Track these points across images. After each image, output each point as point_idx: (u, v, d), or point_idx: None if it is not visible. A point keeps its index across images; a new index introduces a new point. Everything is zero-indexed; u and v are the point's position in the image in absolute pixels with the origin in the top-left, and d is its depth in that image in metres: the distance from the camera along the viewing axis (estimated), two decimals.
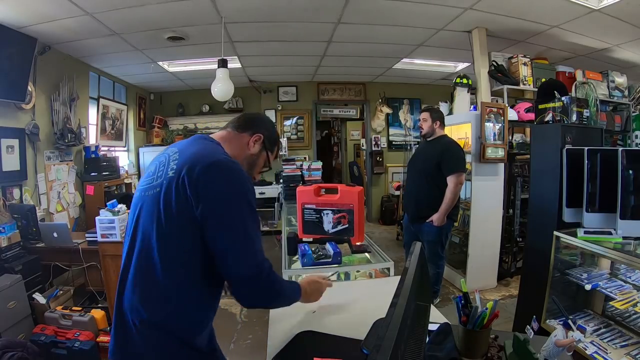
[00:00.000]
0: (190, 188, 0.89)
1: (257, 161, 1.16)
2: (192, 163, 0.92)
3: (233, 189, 0.92)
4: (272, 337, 1.16)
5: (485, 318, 0.97)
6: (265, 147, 1.15)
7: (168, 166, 0.96)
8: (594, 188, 2.00)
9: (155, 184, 0.96)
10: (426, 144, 3.03)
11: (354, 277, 1.88)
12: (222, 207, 0.91)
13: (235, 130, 1.12)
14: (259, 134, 1.12)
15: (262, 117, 1.22)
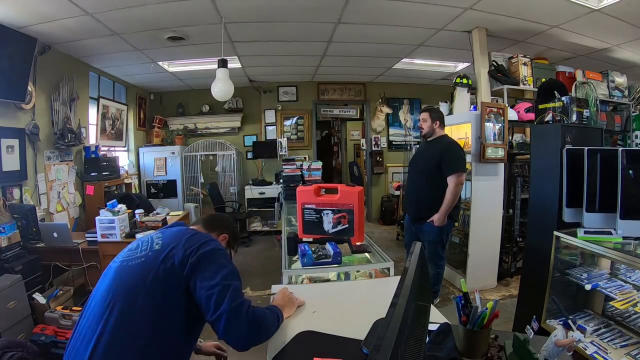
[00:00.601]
0: (178, 254, 1.09)
1: None
2: (176, 238, 1.15)
3: (212, 247, 1.13)
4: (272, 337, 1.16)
5: (485, 318, 0.97)
6: (230, 244, 1.39)
7: (152, 242, 1.15)
8: (594, 188, 2.00)
9: (139, 255, 1.13)
10: (426, 144, 3.02)
11: (354, 277, 1.88)
12: (205, 261, 1.09)
13: (206, 229, 1.33)
14: (225, 234, 1.36)
15: (227, 219, 1.45)
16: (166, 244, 1.13)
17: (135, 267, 1.10)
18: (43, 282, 2.84)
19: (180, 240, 1.13)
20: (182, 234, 1.17)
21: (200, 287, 1.05)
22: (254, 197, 5.80)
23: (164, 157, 5.77)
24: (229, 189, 6.00)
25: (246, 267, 4.37)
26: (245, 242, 5.34)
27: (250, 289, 3.62)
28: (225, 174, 6.05)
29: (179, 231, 1.20)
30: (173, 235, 1.16)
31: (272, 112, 6.27)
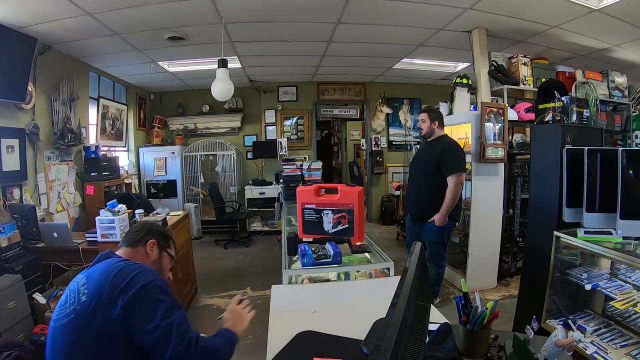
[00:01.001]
0: (107, 302, 0.99)
1: (162, 264, 1.31)
2: (102, 281, 1.04)
3: (141, 283, 1.02)
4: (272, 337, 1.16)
5: (485, 318, 0.97)
6: (162, 247, 1.31)
7: (79, 293, 1.05)
8: (594, 188, 2.00)
9: (68, 311, 1.03)
10: (427, 144, 3.03)
11: (354, 277, 1.88)
12: (138, 303, 1.00)
13: (130, 247, 1.25)
14: (151, 240, 1.28)
15: (146, 226, 1.34)
16: (93, 293, 1.02)
17: (65, 326, 1.01)
18: (43, 282, 2.83)
19: (106, 283, 1.02)
20: (107, 274, 1.05)
21: (142, 333, 0.98)
22: (254, 197, 5.80)
23: (164, 157, 5.77)
24: (229, 189, 6.00)
25: (246, 267, 4.37)
26: (245, 242, 5.34)
27: (250, 289, 3.62)
28: (225, 174, 6.06)
29: (104, 270, 1.07)
30: (99, 279, 1.05)
31: (272, 112, 6.27)
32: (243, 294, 1.36)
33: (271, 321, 1.29)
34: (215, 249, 5.13)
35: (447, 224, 2.83)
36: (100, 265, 1.12)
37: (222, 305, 3.27)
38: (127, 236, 1.28)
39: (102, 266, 1.11)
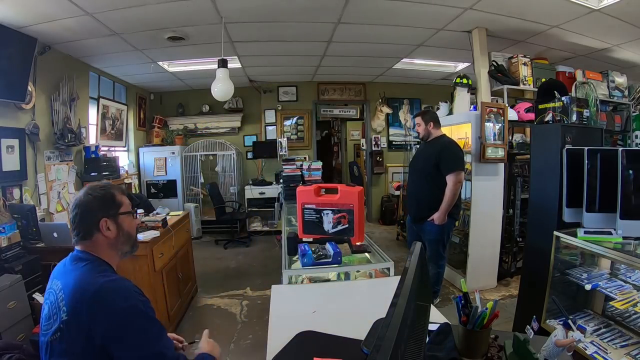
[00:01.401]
0: (87, 328, 0.94)
1: (125, 231, 1.15)
2: (78, 300, 0.96)
3: (117, 307, 0.95)
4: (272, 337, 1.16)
5: (485, 318, 0.97)
6: (113, 216, 1.13)
7: (59, 308, 0.98)
8: (594, 188, 2.00)
9: (54, 329, 0.98)
10: (425, 144, 3.05)
11: (354, 277, 1.88)
12: (118, 333, 0.94)
13: (85, 240, 1.10)
14: (101, 220, 1.10)
15: (81, 205, 1.13)
16: (71, 312, 0.96)
17: (54, 343, 0.98)
18: (43, 282, 2.83)
19: (83, 304, 0.95)
20: (82, 291, 0.97)
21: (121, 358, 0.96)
22: (254, 197, 5.80)
23: (164, 157, 5.77)
24: (229, 189, 6.00)
25: (246, 267, 4.37)
26: (245, 242, 5.34)
27: (250, 289, 3.62)
28: (225, 174, 6.06)
29: (79, 284, 0.99)
30: (74, 296, 0.98)
31: (272, 112, 6.27)
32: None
33: (271, 321, 1.29)
34: (215, 249, 5.13)
35: (446, 223, 2.83)
36: (74, 273, 1.04)
37: (222, 305, 3.27)
38: (74, 228, 1.12)
39: (75, 275, 1.02)
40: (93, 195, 1.13)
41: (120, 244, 1.15)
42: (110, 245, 1.12)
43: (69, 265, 1.09)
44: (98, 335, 0.94)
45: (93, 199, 1.12)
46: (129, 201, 1.20)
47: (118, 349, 0.95)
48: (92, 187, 1.15)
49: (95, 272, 1.03)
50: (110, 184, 1.20)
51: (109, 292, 0.97)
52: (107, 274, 1.04)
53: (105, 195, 1.14)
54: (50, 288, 1.07)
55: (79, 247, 1.11)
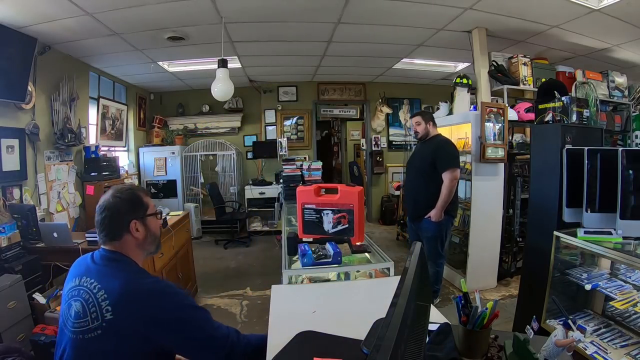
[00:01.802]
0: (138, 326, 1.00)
1: (152, 234, 1.20)
2: (129, 303, 1.01)
3: (169, 306, 1.04)
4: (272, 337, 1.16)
5: (485, 318, 0.97)
6: (142, 218, 1.17)
7: (100, 307, 1.01)
8: (594, 188, 2.00)
9: (94, 327, 1.00)
10: (422, 144, 3.09)
11: (354, 277, 1.88)
12: (174, 328, 1.03)
13: (114, 241, 1.14)
14: (131, 222, 1.14)
15: (109, 206, 1.14)
16: (121, 314, 1.00)
17: (92, 341, 1.00)
18: (43, 282, 2.83)
19: (134, 309, 1.00)
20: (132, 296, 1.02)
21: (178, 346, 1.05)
22: (254, 197, 5.80)
23: (164, 157, 5.77)
24: (229, 189, 6.00)
25: (246, 267, 4.37)
26: (245, 242, 5.34)
27: (250, 289, 3.62)
28: (225, 174, 6.06)
29: (126, 288, 1.03)
30: (122, 300, 1.01)
31: (272, 112, 6.27)
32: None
33: (271, 321, 1.29)
34: (215, 249, 5.13)
35: (444, 220, 2.87)
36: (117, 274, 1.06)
37: (222, 305, 3.27)
38: (102, 230, 1.14)
39: (120, 277, 1.05)
40: (122, 197, 1.16)
41: (147, 245, 1.20)
42: (137, 245, 1.17)
43: (100, 264, 1.11)
44: (153, 333, 1.01)
45: (122, 201, 1.15)
46: (153, 203, 1.25)
47: (175, 342, 1.03)
48: (119, 190, 1.18)
49: (138, 274, 1.11)
50: (135, 186, 1.26)
51: (159, 293, 1.05)
52: (149, 275, 1.12)
53: (133, 198, 1.18)
54: (80, 285, 1.08)
55: (107, 247, 1.15)
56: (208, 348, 1.06)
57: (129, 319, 1.00)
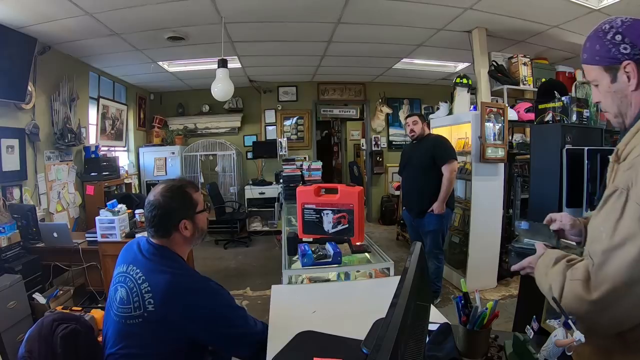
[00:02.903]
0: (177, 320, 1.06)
1: (200, 230, 1.24)
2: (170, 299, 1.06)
3: (205, 303, 1.10)
4: (272, 337, 1.16)
5: (485, 318, 0.97)
6: (191, 217, 1.19)
7: (143, 298, 1.07)
8: (593, 188, 2.00)
9: (136, 315, 1.08)
10: (415, 143, 3.15)
11: (354, 277, 1.88)
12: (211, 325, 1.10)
13: (164, 238, 1.17)
14: (182, 222, 1.17)
15: (160, 204, 1.16)
16: (161, 307, 1.05)
17: (138, 326, 1.07)
18: (43, 282, 2.84)
19: (174, 304, 1.06)
20: (173, 291, 1.07)
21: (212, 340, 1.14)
22: (254, 197, 5.80)
23: (164, 157, 5.77)
24: (229, 189, 6.00)
25: (246, 267, 4.37)
26: (245, 242, 5.34)
27: (250, 289, 3.62)
28: (225, 174, 6.06)
29: (170, 284, 1.07)
30: (165, 295, 1.06)
31: (272, 112, 6.27)
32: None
33: (271, 321, 1.29)
34: (215, 249, 5.13)
35: (445, 213, 2.96)
36: (161, 269, 1.11)
37: None
38: (152, 225, 1.16)
39: (165, 273, 1.09)
40: (171, 197, 1.17)
41: (195, 240, 1.24)
42: (185, 241, 1.21)
43: (148, 257, 1.15)
44: (190, 328, 1.07)
45: (172, 201, 1.17)
46: (202, 197, 1.26)
47: (208, 337, 1.10)
48: (169, 188, 1.18)
49: (182, 272, 1.14)
50: (185, 182, 1.24)
51: (197, 291, 1.10)
52: (193, 274, 1.16)
53: (184, 197, 1.19)
54: (126, 273, 1.13)
55: (156, 241, 1.18)
56: (241, 344, 1.15)
57: (168, 312, 1.06)
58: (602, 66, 0.89)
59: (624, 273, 0.72)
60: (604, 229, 0.78)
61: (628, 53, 0.85)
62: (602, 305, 0.76)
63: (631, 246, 0.72)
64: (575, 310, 0.81)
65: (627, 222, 0.73)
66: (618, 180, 0.78)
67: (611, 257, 0.75)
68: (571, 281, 0.82)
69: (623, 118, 0.90)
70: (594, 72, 0.91)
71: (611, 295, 0.74)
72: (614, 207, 0.76)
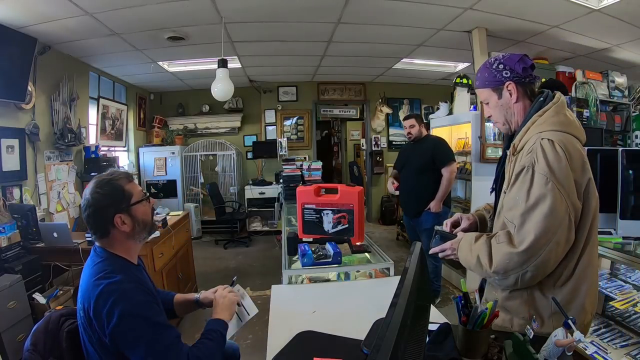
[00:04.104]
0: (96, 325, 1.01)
1: (140, 222, 1.15)
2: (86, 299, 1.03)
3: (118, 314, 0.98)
4: (272, 337, 1.16)
5: (485, 318, 0.97)
6: (126, 210, 1.11)
7: (78, 303, 1.07)
8: None
9: (79, 317, 1.08)
10: (413, 145, 3.15)
11: (354, 277, 1.88)
12: (122, 337, 1.00)
13: (104, 238, 1.12)
14: (115, 217, 1.09)
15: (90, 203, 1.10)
16: (80, 307, 1.05)
17: (82, 329, 1.07)
18: (43, 282, 2.83)
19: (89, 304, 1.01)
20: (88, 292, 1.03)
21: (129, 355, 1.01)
22: (254, 197, 5.80)
23: (164, 157, 5.77)
24: (229, 189, 6.00)
25: (246, 267, 4.37)
26: (245, 242, 5.34)
27: (250, 289, 3.62)
28: (225, 174, 6.06)
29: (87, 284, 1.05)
30: (83, 294, 1.05)
31: (272, 112, 6.27)
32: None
33: (271, 321, 1.29)
34: (215, 249, 5.13)
35: (442, 211, 2.97)
36: (86, 272, 1.09)
37: None
38: (90, 227, 1.12)
39: (86, 275, 1.08)
40: (102, 192, 1.10)
41: (138, 233, 1.15)
42: (127, 237, 1.14)
43: (89, 260, 1.13)
44: (106, 335, 1.00)
45: (102, 196, 1.09)
46: (139, 187, 1.19)
47: (124, 347, 1.00)
48: (99, 183, 1.11)
49: (102, 273, 1.05)
50: (117, 174, 1.16)
51: (108, 295, 1.00)
52: (111, 276, 1.04)
53: (114, 190, 1.11)
54: None
55: (98, 243, 1.14)
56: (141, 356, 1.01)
57: (86, 315, 1.03)
58: (490, 88, 1.17)
59: (541, 224, 0.97)
60: (519, 198, 1.03)
61: (508, 76, 1.13)
62: (528, 254, 0.98)
63: (543, 204, 0.98)
64: (506, 265, 1.01)
65: (536, 187, 1.00)
66: (522, 162, 1.04)
67: (529, 216, 1.00)
68: (498, 244, 1.04)
69: (509, 125, 1.20)
70: (485, 93, 1.19)
71: (534, 244, 0.97)
72: (524, 179, 1.03)
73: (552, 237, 0.97)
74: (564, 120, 1.08)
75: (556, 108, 1.08)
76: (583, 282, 1.05)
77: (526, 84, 1.14)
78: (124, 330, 0.99)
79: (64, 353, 1.09)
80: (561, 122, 1.07)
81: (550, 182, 0.97)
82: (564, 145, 1.00)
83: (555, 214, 0.97)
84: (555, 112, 1.08)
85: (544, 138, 1.02)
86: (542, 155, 1.00)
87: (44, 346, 1.07)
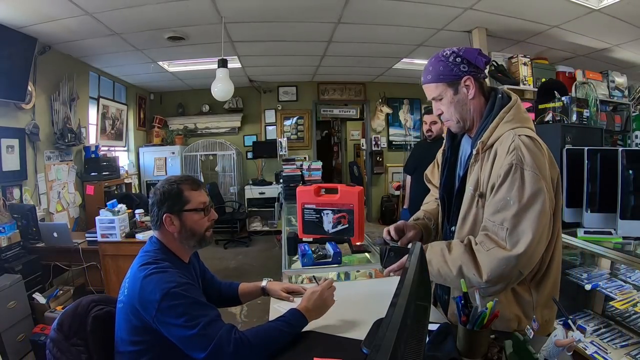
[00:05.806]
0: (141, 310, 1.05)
1: (187, 230, 1.18)
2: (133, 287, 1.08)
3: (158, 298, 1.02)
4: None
5: (485, 318, 0.97)
6: (177, 212, 1.16)
7: (124, 285, 1.12)
8: (594, 188, 2.00)
9: (120, 299, 1.12)
10: (431, 144, 2.95)
11: (354, 277, 1.88)
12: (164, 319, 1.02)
13: (157, 230, 1.19)
14: (164, 216, 1.15)
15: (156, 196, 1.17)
16: (128, 295, 1.09)
17: (120, 310, 1.11)
18: (43, 282, 2.84)
19: (135, 291, 1.06)
20: (136, 280, 1.08)
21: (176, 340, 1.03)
22: (254, 197, 5.80)
23: (164, 157, 5.77)
24: (229, 189, 6.00)
25: (246, 267, 4.37)
26: (245, 242, 5.34)
27: None
28: (225, 174, 6.06)
29: (135, 272, 1.10)
30: (131, 283, 1.10)
31: (272, 112, 6.27)
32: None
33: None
34: (215, 249, 5.13)
35: None
36: (136, 260, 1.14)
37: None
38: (149, 215, 1.22)
39: (136, 263, 1.14)
40: (163, 190, 1.17)
41: (184, 239, 1.19)
42: (174, 238, 1.19)
43: (143, 248, 1.20)
44: (147, 317, 1.04)
45: (162, 193, 1.17)
46: (204, 198, 1.21)
47: (165, 326, 1.03)
48: (167, 180, 1.20)
49: (149, 261, 1.11)
50: (185, 178, 1.21)
51: (150, 283, 1.05)
52: (156, 264, 1.10)
53: (171, 191, 1.17)
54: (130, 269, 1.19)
55: (154, 233, 1.21)
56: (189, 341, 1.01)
57: (131, 299, 1.07)
58: (446, 82, 1.08)
59: (537, 223, 0.93)
60: (510, 197, 0.96)
61: (466, 70, 1.06)
62: (527, 254, 0.93)
63: (537, 202, 0.94)
64: (502, 271, 0.95)
65: (529, 186, 0.95)
66: (507, 161, 0.98)
67: (524, 215, 0.95)
68: (487, 251, 0.97)
69: (464, 123, 1.12)
70: (439, 89, 1.10)
71: (533, 243, 0.93)
72: (514, 178, 0.96)
73: (544, 235, 0.97)
74: (528, 117, 1.09)
75: (519, 105, 1.08)
76: (557, 275, 1.10)
77: (481, 79, 1.10)
78: (165, 313, 1.02)
79: (88, 336, 1.13)
80: (527, 119, 1.08)
81: (541, 179, 0.96)
82: (540, 142, 1.02)
83: (546, 211, 0.96)
84: (519, 109, 1.08)
85: (522, 135, 1.00)
86: (527, 153, 0.97)
87: (69, 328, 1.12)
